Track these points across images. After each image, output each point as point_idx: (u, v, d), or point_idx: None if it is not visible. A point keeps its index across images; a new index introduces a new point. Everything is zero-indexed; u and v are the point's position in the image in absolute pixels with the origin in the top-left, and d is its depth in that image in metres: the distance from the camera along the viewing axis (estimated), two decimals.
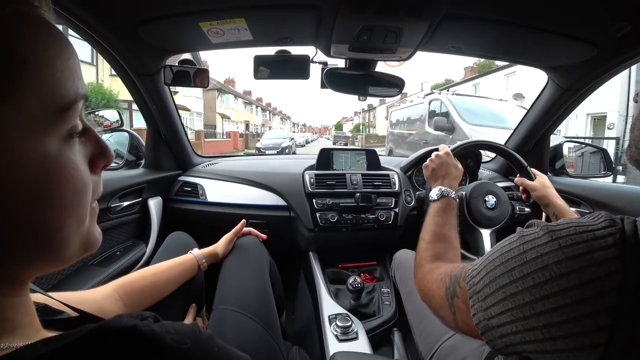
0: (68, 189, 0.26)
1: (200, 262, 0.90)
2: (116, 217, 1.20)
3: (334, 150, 1.58)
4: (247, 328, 0.78)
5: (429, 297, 0.58)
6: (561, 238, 0.34)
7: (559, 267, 0.33)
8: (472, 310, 0.41)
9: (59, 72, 0.25)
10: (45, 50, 0.25)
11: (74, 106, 0.27)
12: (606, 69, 1.07)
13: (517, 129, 1.55)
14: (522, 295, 0.35)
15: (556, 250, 0.34)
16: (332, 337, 0.99)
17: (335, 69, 1.13)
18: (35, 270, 0.28)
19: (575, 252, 0.32)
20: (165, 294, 0.78)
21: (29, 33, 0.24)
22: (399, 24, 0.86)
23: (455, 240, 0.73)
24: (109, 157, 0.32)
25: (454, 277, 0.50)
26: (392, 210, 1.42)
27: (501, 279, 0.38)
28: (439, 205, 0.82)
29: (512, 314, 0.35)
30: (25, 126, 0.23)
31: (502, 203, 1.13)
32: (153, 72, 1.19)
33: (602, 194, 1.25)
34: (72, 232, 0.28)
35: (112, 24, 0.91)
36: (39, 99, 0.24)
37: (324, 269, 1.37)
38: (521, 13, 0.87)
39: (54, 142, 0.25)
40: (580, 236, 0.33)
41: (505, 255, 0.39)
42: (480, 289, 0.41)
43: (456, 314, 0.47)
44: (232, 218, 1.44)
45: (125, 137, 1.54)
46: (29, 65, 0.23)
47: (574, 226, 0.34)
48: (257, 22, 0.94)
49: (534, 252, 0.35)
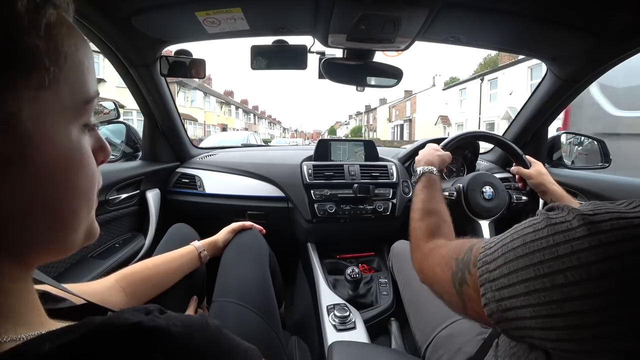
0: (84, 175, 0.29)
1: (201, 253, 0.90)
2: (114, 210, 1.20)
3: (332, 141, 1.58)
4: (247, 320, 0.79)
5: (432, 280, 0.55)
6: (602, 233, 0.30)
7: (598, 267, 0.29)
8: (484, 299, 0.38)
9: (86, 69, 0.29)
10: (78, 50, 0.28)
11: (94, 100, 0.30)
12: (606, 60, 1.07)
13: (515, 120, 1.55)
14: (550, 292, 0.31)
15: (596, 247, 0.30)
16: (331, 327, 1.00)
17: (333, 59, 1.12)
18: (44, 255, 0.29)
19: (619, 250, 0.29)
20: (167, 286, 0.79)
21: (68, 34, 0.28)
22: (397, 13, 0.85)
23: (444, 212, 0.73)
24: (107, 152, 0.35)
25: (461, 261, 0.46)
26: (390, 201, 1.42)
27: (524, 272, 0.34)
28: (421, 183, 0.83)
29: (534, 309, 0.32)
30: (58, 113, 0.26)
31: (499, 193, 1.13)
32: (149, 63, 1.17)
33: (599, 185, 1.26)
34: (82, 218, 0.30)
35: (107, 13, 0.89)
36: (71, 90, 0.27)
37: (322, 260, 1.38)
38: (521, 2, 0.86)
39: (75, 130, 0.28)
40: (626, 232, 0.29)
41: (531, 246, 0.34)
42: (495, 278, 0.37)
43: (465, 302, 0.44)
44: (230, 209, 1.45)
45: (122, 128, 1.53)
46: (67, 60, 0.27)
47: (616, 219, 0.30)
48: (253, 12, 0.92)
49: (568, 247, 0.31)
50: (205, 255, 0.91)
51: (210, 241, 0.97)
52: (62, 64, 0.26)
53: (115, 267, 1.11)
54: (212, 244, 0.96)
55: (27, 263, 0.28)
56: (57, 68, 0.26)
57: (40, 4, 0.25)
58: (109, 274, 1.03)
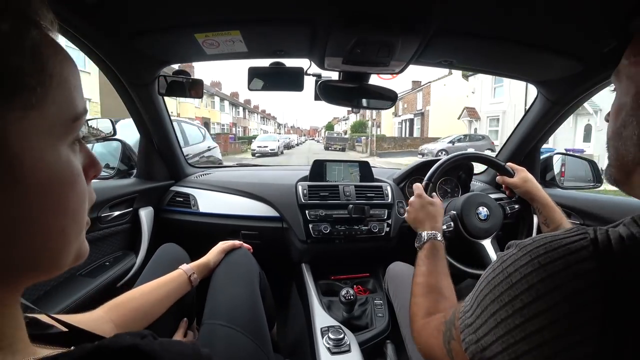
0: (74, 194, 0.29)
1: (191, 276, 0.88)
2: (106, 227, 1.18)
3: (328, 162, 1.59)
4: (237, 343, 0.77)
5: (429, 352, 0.57)
6: (540, 256, 0.35)
7: (543, 284, 0.33)
8: (464, 344, 0.41)
9: (72, 87, 0.29)
10: (63, 68, 0.28)
11: (82, 117, 0.30)
12: (593, 84, 1.11)
13: (508, 142, 1.58)
14: (513, 319, 0.35)
15: (538, 269, 0.35)
16: (325, 350, 0.98)
17: (329, 81, 1.14)
18: (32, 276, 0.28)
19: (556, 268, 0.33)
20: (157, 314, 0.76)
21: (53, 53, 0.27)
22: (391, 39, 0.88)
23: (445, 288, 0.72)
24: (98, 168, 0.34)
25: (448, 321, 0.49)
26: (385, 221, 1.42)
27: (491, 306, 0.38)
28: (424, 252, 0.81)
29: (503, 340, 0.36)
30: (46, 132, 0.26)
31: (494, 211, 1.13)
32: (147, 82, 1.19)
33: (592, 205, 1.27)
34: (72, 238, 0.29)
35: (108, 34, 0.91)
36: (59, 109, 0.27)
37: (316, 281, 1.36)
38: (511, 28, 0.89)
39: (64, 149, 0.28)
40: (557, 252, 0.34)
41: (492, 283, 0.39)
42: (472, 322, 0.41)
43: (454, 358, 0.46)
44: (224, 229, 1.44)
45: (117, 146, 1.53)
46: (54, 80, 0.27)
47: (548, 242, 0.36)
48: (251, 35, 0.95)
49: (517, 274, 0.36)
50: (196, 279, 0.89)
51: (200, 263, 0.95)
52: (48, 83, 0.26)
53: (104, 286, 1.08)
54: (203, 266, 0.94)
55: (15, 285, 0.27)
56: (44, 88, 0.26)
57: (24, 25, 0.25)
58: (99, 292, 1.01)
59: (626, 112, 0.41)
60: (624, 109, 0.41)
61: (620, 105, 0.42)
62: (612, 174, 0.44)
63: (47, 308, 0.89)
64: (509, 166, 1.12)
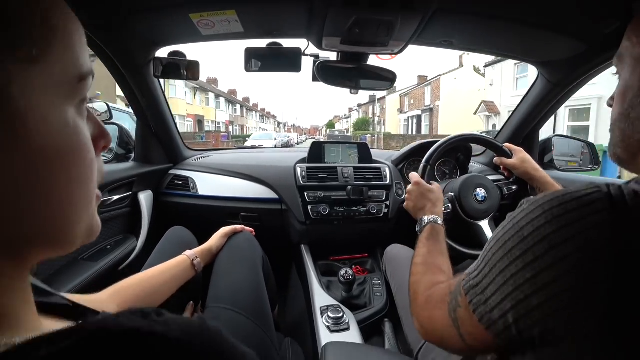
0: (82, 160, 0.27)
1: (194, 261, 0.88)
2: (106, 211, 1.19)
3: (326, 143, 1.58)
4: (241, 326, 0.78)
5: (432, 326, 0.54)
6: (553, 208, 0.35)
7: (556, 235, 0.33)
8: (472, 306, 0.40)
9: (77, 44, 0.27)
10: (68, 22, 0.27)
11: (88, 77, 0.28)
12: (594, 65, 1.09)
13: (507, 124, 1.57)
14: (523, 272, 0.35)
15: (551, 220, 0.34)
16: (324, 329, 1.00)
17: (327, 62, 1.12)
18: (42, 251, 0.27)
19: (569, 220, 0.33)
20: (162, 299, 0.77)
21: (56, 6, 0.26)
22: (390, 17, 0.86)
23: (444, 265, 0.72)
24: (108, 139, 0.33)
25: (454, 292, 0.48)
26: (384, 203, 1.43)
27: (501, 263, 0.38)
28: (424, 234, 0.82)
29: (512, 297, 0.35)
30: (51, 90, 0.24)
31: (491, 192, 1.14)
32: (142, 65, 1.16)
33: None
34: (82, 210, 0.28)
35: (100, 14, 0.89)
36: (64, 66, 0.26)
37: (315, 262, 1.38)
38: (512, 8, 0.87)
39: (71, 111, 0.26)
40: (571, 204, 0.34)
41: (503, 239, 0.39)
42: (479, 282, 0.40)
43: (460, 328, 0.44)
44: (223, 211, 1.45)
45: (114, 130, 1.52)
46: (58, 33, 0.25)
47: (561, 195, 0.35)
48: (248, 14, 0.93)
49: (530, 227, 0.36)
50: (199, 263, 0.89)
51: (204, 249, 0.95)
52: (52, 36, 0.25)
53: (107, 270, 1.10)
54: (206, 252, 0.95)
55: (24, 259, 0.26)
56: (47, 40, 0.24)
57: None
58: (101, 276, 1.02)
59: (633, 94, 0.41)
60: (630, 91, 0.41)
61: (627, 87, 0.42)
62: (618, 154, 0.44)
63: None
64: (507, 147, 1.12)
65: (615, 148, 0.44)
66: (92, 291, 0.67)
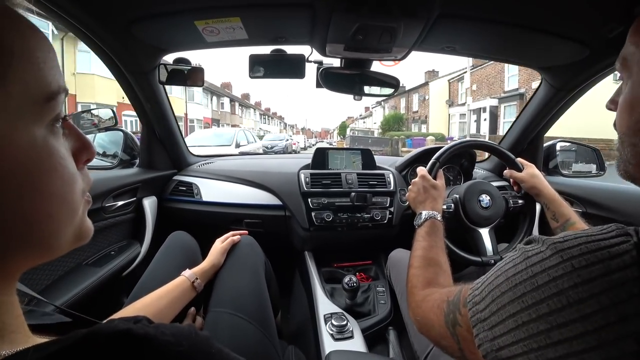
0: (57, 178, 0.27)
1: (194, 282, 0.86)
2: (111, 217, 1.19)
3: (330, 149, 1.59)
4: (242, 330, 0.78)
5: (428, 327, 0.55)
6: (573, 258, 0.31)
7: (576, 291, 0.30)
8: (477, 340, 0.39)
9: (41, 63, 0.26)
10: (26, 41, 0.26)
11: (58, 97, 0.27)
12: (598, 70, 1.09)
13: (511, 129, 1.56)
14: (537, 324, 0.32)
15: (570, 272, 0.31)
16: (328, 336, 0.99)
17: (330, 68, 1.13)
18: (26, 262, 0.27)
19: (592, 274, 0.30)
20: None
21: (11, 24, 0.25)
22: (393, 24, 0.87)
23: (444, 263, 0.72)
24: (91, 151, 0.33)
25: (452, 303, 0.47)
26: (387, 209, 1.42)
27: (510, 307, 0.35)
28: (424, 229, 0.82)
29: (525, 344, 0.33)
30: (13, 113, 0.24)
31: (496, 200, 1.13)
32: (147, 71, 1.18)
33: (595, 193, 1.26)
34: (63, 221, 0.28)
35: (106, 21, 0.90)
36: (25, 87, 0.25)
37: (319, 268, 1.37)
38: (515, 13, 0.87)
39: (40, 131, 0.26)
40: (595, 255, 0.30)
41: (512, 280, 0.36)
42: (486, 317, 0.38)
43: (461, 343, 0.44)
44: (227, 217, 1.45)
45: (119, 136, 1.53)
46: (14, 55, 0.24)
47: (584, 243, 0.32)
48: (252, 21, 0.94)
49: (545, 276, 0.33)
50: (200, 284, 0.87)
51: (204, 268, 0.91)
52: (8, 59, 0.24)
53: (111, 275, 1.10)
54: (206, 270, 0.91)
55: (8, 274, 0.26)
56: (2, 65, 0.23)
57: None
58: (104, 281, 1.02)
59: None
60: (639, 102, 0.38)
61: (635, 97, 0.39)
62: (630, 172, 0.41)
63: (55, 297, 0.90)
64: (519, 161, 1.12)
65: (627, 165, 0.41)
66: (97, 297, 0.66)
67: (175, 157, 1.58)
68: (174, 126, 1.48)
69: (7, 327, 0.26)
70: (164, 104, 1.35)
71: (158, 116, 1.38)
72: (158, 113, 1.36)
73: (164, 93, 1.34)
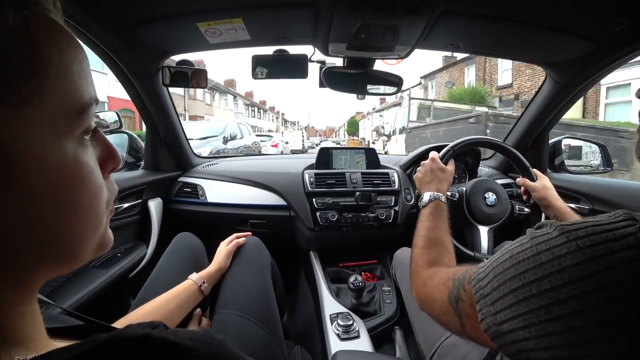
0: (85, 191, 0.27)
1: (201, 286, 0.86)
2: (116, 219, 1.20)
3: (334, 149, 1.58)
4: (249, 332, 0.78)
5: (430, 302, 0.56)
6: (579, 239, 0.32)
7: (578, 269, 0.31)
8: (480, 314, 0.40)
9: (75, 75, 0.26)
10: (62, 53, 0.25)
11: (90, 109, 0.27)
12: (603, 65, 1.07)
13: (516, 126, 1.55)
14: (537, 299, 0.33)
15: (574, 251, 0.32)
16: (334, 336, 0.99)
17: (333, 67, 1.13)
18: (48, 274, 0.27)
19: (596, 253, 0.30)
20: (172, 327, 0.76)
21: (48, 36, 0.24)
22: (396, 22, 0.86)
23: (448, 243, 0.72)
24: (117, 160, 0.33)
25: (457, 280, 0.48)
26: (392, 208, 1.42)
27: (512, 282, 0.36)
28: (428, 210, 0.82)
29: (525, 318, 0.34)
30: (46, 128, 0.23)
31: (502, 201, 1.13)
32: (151, 73, 1.18)
33: (602, 190, 1.25)
34: (88, 234, 0.28)
35: (109, 24, 0.91)
36: (59, 101, 0.24)
37: (324, 268, 1.37)
38: (518, 9, 0.87)
39: (71, 144, 0.25)
40: (600, 237, 0.31)
41: (517, 257, 0.37)
42: (488, 293, 0.39)
43: (463, 319, 0.46)
44: (232, 218, 1.45)
45: (124, 138, 1.54)
46: (51, 68, 0.24)
47: (591, 226, 0.32)
48: (254, 22, 0.94)
49: (549, 254, 0.33)
50: (207, 288, 0.87)
51: (210, 272, 0.92)
52: (45, 73, 0.23)
53: (118, 277, 1.11)
54: (213, 274, 0.92)
55: (31, 285, 0.26)
56: (38, 79, 0.23)
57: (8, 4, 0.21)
58: (111, 283, 1.02)
59: None
60: None
61: None
62: None
63: (63, 300, 0.91)
64: (533, 171, 1.11)
65: None
66: (104, 299, 0.67)
67: (180, 159, 1.59)
68: (178, 128, 1.49)
69: (29, 334, 0.26)
70: (167, 106, 1.36)
71: (162, 118, 1.38)
72: (162, 115, 1.37)
73: (168, 94, 1.34)
